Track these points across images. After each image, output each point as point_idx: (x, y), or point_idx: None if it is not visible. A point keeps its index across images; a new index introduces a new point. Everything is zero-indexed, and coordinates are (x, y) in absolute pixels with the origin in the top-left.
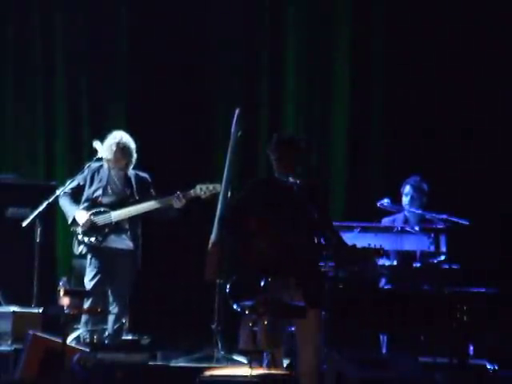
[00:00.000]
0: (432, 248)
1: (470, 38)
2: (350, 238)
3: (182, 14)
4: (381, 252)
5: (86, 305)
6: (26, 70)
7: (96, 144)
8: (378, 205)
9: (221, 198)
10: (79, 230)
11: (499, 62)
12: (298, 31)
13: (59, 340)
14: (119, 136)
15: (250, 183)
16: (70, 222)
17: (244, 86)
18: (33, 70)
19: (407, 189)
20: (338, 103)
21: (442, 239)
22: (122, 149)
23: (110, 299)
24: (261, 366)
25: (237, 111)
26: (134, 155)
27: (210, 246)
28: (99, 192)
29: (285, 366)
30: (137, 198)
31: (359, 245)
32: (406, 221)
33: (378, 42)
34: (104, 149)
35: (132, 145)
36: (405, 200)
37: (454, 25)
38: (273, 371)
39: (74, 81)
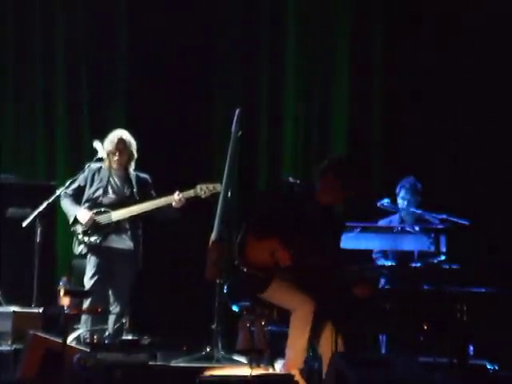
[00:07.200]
0: (432, 248)
1: (471, 38)
2: (350, 238)
3: (181, 15)
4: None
5: (86, 305)
6: (26, 69)
7: (96, 144)
8: (378, 205)
9: (221, 198)
10: (80, 229)
11: (503, 60)
12: (298, 31)
13: (59, 340)
14: (121, 132)
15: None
16: (71, 221)
17: (244, 86)
18: (33, 69)
19: (403, 192)
20: (338, 103)
21: (442, 239)
22: (124, 141)
23: (111, 299)
24: (260, 365)
25: (237, 111)
26: (135, 152)
27: (210, 245)
28: (99, 192)
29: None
30: (137, 198)
31: (360, 245)
32: (402, 221)
33: (377, 41)
34: (106, 143)
35: (133, 141)
36: (401, 203)
37: (456, 24)
38: (273, 371)
39: (75, 81)
